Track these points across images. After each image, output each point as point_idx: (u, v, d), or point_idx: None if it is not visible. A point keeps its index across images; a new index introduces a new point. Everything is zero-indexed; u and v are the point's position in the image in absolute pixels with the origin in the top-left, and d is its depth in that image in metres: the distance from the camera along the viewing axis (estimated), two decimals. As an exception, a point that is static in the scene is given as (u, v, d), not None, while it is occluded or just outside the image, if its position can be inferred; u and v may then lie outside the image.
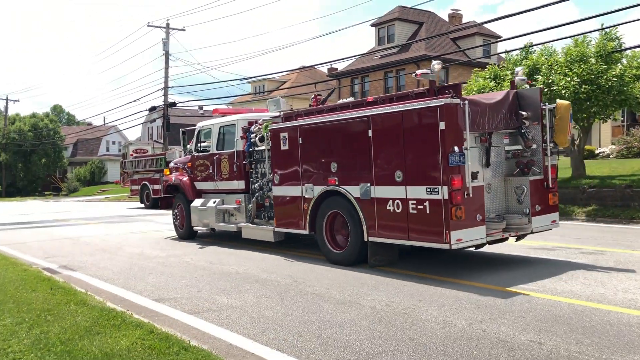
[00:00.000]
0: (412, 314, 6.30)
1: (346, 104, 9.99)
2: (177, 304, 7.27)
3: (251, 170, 11.95)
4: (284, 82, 50.75)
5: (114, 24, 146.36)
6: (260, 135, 11.40)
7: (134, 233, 16.18)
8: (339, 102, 10.46)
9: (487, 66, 19.42)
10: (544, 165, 8.87)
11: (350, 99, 10.42)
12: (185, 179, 13.90)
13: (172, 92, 37.94)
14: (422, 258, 9.71)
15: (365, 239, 8.87)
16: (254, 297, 7.45)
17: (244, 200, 12.10)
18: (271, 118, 11.32)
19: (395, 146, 8.30)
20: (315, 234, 10.02)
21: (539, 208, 8.78)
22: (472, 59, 32.40)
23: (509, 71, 17.91)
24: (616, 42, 16.75)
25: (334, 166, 9.44)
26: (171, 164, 15.73)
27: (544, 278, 7.79)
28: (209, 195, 13.23)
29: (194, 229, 13.73)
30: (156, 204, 27.79)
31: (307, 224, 10.00)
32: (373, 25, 37.46)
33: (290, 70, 42.51)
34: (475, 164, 8.13)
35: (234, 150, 12.22)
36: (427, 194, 7.82)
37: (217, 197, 12.91)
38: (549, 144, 8.89)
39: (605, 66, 16.16)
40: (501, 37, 38.08)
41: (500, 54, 30.36)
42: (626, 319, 5.83)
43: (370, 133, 8.67)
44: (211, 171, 12.94)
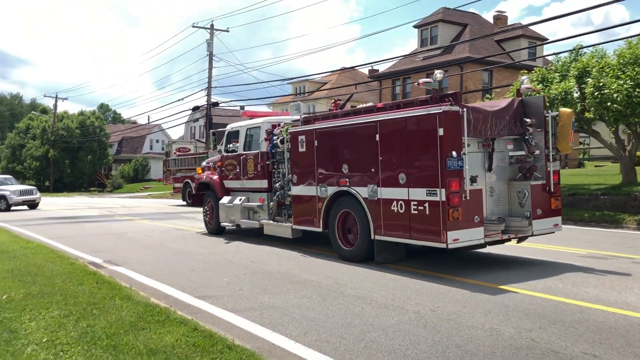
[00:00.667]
0: (458, 320, 6.14)
1: (359, 109, 10.37)
2: (219, 301, 7.29)
3: (273, 170, 12.54)
4: (325, 83, 50.77)
5: (161, 24, 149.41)
6: (282, 138, 11.95)
7: (176, 230, 16.41)
8: (360, 107, 10.77)
9: (534, 69, 18.95)
10: (546, 171, 9.17)
11: (369, 104, 10.69)
12: (215, 177, 14.61)
13: (215, 92, 38.43)
14: (442, 258, 9.53)
15: (372, 237, 9.33)
16: (296, 297, 7.41)
17: (266, 199, 12.71)
18: (292, 121, 11.92)
19: (400, 150, 8.78)
20: (328, 231, 10.51)
21: (540, 212, 9.06)
22: (516, 62, 31.78)
23: (557, 74, 17.43)
24: (672, 45, 16.07)
25: (345, 168, 9.94)
26: (203, 163, 16.41)
27: (597, 287, 7.51)
28: (235, 193, 13.90)
29: (222, 224, 14.20)
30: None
31: (321, 222, 10.56)
32: (416, 26, 37.12)
33: (331, 72, 42.51)
34: (475, 168, 8.56)
35: (259, 151, 12.87)
36: (427, 195, 8.27)
37: (243, 195, 13.56)
38: (551, 150, 9.20)
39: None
40: (547, 39, 37.26)
41: (546, 57, 29.72)
42: (686, 333, 5.54)
43: (377, 137, 9.17)
44: (238, 170, 13.61)
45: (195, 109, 39.78)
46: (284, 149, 11.93)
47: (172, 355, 4.95)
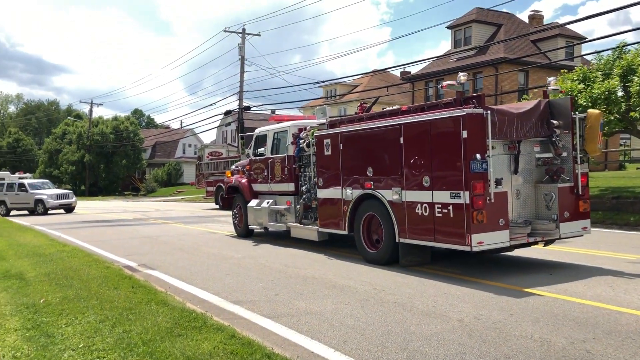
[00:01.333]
0: (504, 328, 5.86)
1: (383, 112, 10.56)
2: (255, 307, 7.15)
3: (300, 174, 12.63)
4: (356, 86, 50.52)
5: (193, 30, 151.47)
6: (308, 141, 12.03)
7: (210, 233, 16.40)
8: (385, 110, 10.82)
9: (574, 68, 18.39)
10: (574, 173, 9.03)
11: (394, 107, 10.66)
12: (243, 180, 14.78)
13: (246, 97, 38.61)
14: (470, 261, 9.20)
15: (397, 240, 9.31)
16: (333, 303, 7.21)
17: (293, 202, 12.79)
18: (318, 125, 11.95)
19: (424, 153, 8.76)
20: (354, 234, 10.51)
21: (567, 214, 8.92)
22: (553, 62, 31.03)
23: (600, 72, 16.86)
24: None
25: (370, 171, 9.95)
26: (232, 167, 16.69)
27: (649, 295, 7.12)
28: (263, 196, 14.01)
29: (251, 227, 14.39)
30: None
31: (347, 224, 10.59)
32: (449, 27, 36.59)
33: (363, 74, 42.23)
34: (501, 170, 8.50)
35: (286, 154, 12.99)
36: (451, 198, 8.22)
37: (270, 198, 13.68)
38: (579, 152, 9.05)
39: None
40: (585, 38, 36.32)
41: (584, 56, 28.90)
42: None
43: (401, 140, 9.15)
44: (266, 174, 13.76)
45: (227, 113, 40.00)
46: (310, 152, 11.99)
47: (210, 363, 4.80)
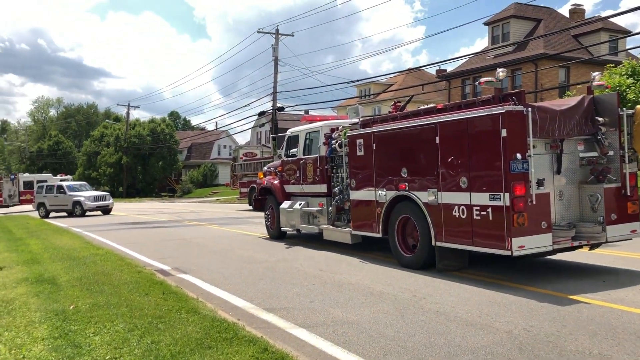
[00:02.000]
0: (558, 342, 5.40)
1: (418, 111, 9.97)
2: (289, 314, 6.84)
3: (332, 175, 12.36)
4: (390, 85, 49.91)
5: (228, 31, 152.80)
6: (340, 141, 11.71)
7: (243, 235, 16.20)
8: (419, 108, 10.43)
9: (620, 62, 17.57)
10: (621, 173, 8.55)
11: (429, 106, 10.21)
12: (276, 182, 14.57)
13: (280, 97, 38.50)
14: (512, 266, 8.67)
15: (433, 243, 8.94)
16: (371, 312, 6.84)
17: (326, 203, 12.52)
18: (351, 125, 11.64)
19: (461, 153, 8.37)
20: (388, 237, 10.14)
21: (614, 217, 8.43)
22: (595, 57, 29.95)
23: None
24: None
25: (405, 172, 9.59)
26: (265, 168, 16.55)
27: None
28: (296, 198, 13.75)
29: (283, 229, 14.09)
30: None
31: (380, 227, 10.23)
32: (486, 23, 35.74)
33: (398, 72, 41.68)
34: (542, 171, 8.07)
35: (318, 155, 12.71)
36: (490, 200, 7.85)
37: (302, 199, 13.41)
38: (626, 151, 8.56)
39: None
40: (630, 31, 35.00)
41: (630, 50, 27.78)
42: None
43: (437, 140, 8.77)
44: (298, 175, 13.51)
45: (261, 114, 39.99)
46: (343, 152, 11.69)
47: (241, 379, 4.50)
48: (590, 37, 34.01)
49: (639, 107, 8.90)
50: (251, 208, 30.00)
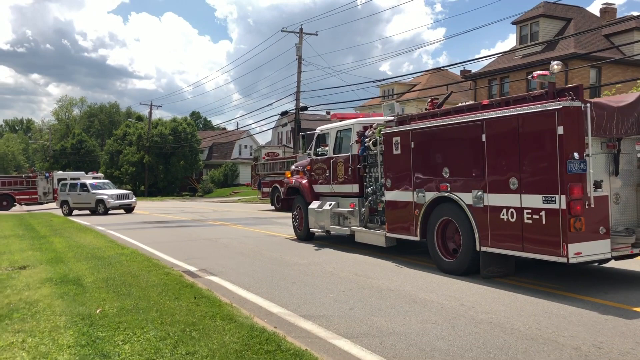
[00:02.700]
0: (635, 362, 4.85)
1: (460, 107, 9.32)
2: (329, 323, 6.37)
3: (365, 175, 11.87)
4: (414, 85, 49.22)
5: (250, 32, 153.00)
6: (374, 140, 11.28)
7: (270, 236, 15.77)
8: (462, 104, 9.74)
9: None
10: None
11: (469, 102, 9.73)
12: (304, 181, 14.10)
13: (302, 97, 38.07)
14: (569, 273, 8.07)
15: (478, 248, 8.41)
16: (418, 321, 6.34)
17: (357, 204, 12.01)
18: (385, 122, 11.12)
19: (510, 152, 7.87)
20: (426, 240, 9.66)
21: None
22: (628, 57, 29.01)
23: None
24: None
25: (446, 172, 9.09)
26: (292, 167, 16.15)
27: None
28: (325, 198, 13.30)
29: (311, 230, 13.64)
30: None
31: (419, 230, 9.73)
32: (514, 23, 34.88)
33: (422, 72, 41.03)
34: (599, 172, 7.57)
35: (349, 154, 12.21)
36: (543, 203, 7.36)
37: (332, 200, 12.94)
38: None
39: None
40: (665, 31, 33.84)
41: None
42: None
43: (483, 138, 8.27)
44: (328, 174, 13.03)
45: (284, 113, 39.67)
46: (377, 151, 11.23)
47: (288, 398, 4.03)
48: (622, 36, 32.98)
49: None
50: (273, 208, 29.72)
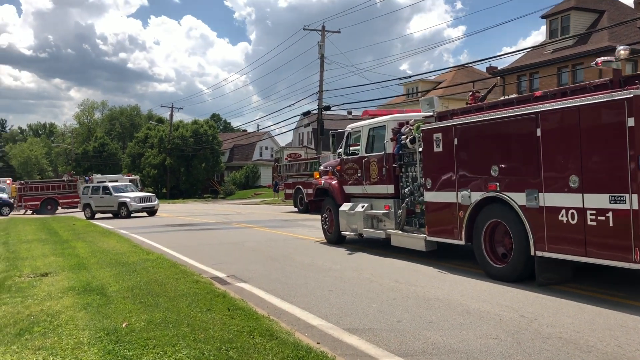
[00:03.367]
0: None
1: (510, 100, 8.77)
2: (377, 337, 5.73)
3: (401, 174, 11.21)
4: (439, 83, 48.31)
5: (268, 33, 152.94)
6: (412, 137, 10.63)
7: (298, 239, 15.16)
8: (500, 98, 9.28)
9: None
10: None
11: (512, 96, 9.09)
12: (334, 182, 13.54)
13: (324, 97, 37.44)
14: (628, 279, 7.31)
15: (532, 253, 7.72)
16: (477, 336, 5.67)
17: (393, 206, 11.33)
18: (423, 118, 10.49)
19: (570, 147, 7.17)
20: (472, 244, 8.98)
21: None
22: (664, 49, 27.87)
23: None
24: None
25: (495, 170, 8.38)
26: (321, 167, 15.63)
27: None
28: (357, 200, 12.71)
29: (342, 233, 13.00)
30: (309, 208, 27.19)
31: (463, 233, 9.03)
32: (544, 16, 33.89)
33: (448, 69, 40.15)
34: None
35: (384, 152, 11.54)
36: (610, 203, 6.69)
37: (365, 201, 12.32)
38: None
39: None
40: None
41: None
42: None
43: (539, 132, 7.57)
44: (360, 175, 12.39)
45: (306, 113, 39.08)
46: (415, 149, 10.55)
47: None
48: (658, 28, 31.81)
49: None
50: (296, 210, 29.15)
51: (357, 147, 12.74)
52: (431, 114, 10.15)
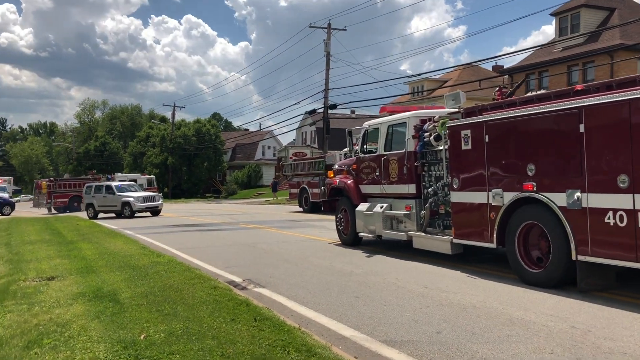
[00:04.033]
0: None
1: (547, 94, 8.27)
2: (419, 351, 5.25)
3: (423, 173, 10.67)
4: (445, 82, 47.80)
5: (269, 32, 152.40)
6: (436, 134, 10.13)
7: (311, 240, 14.66)
8: (535, 93, 8.68)
9: None
10: None
11: (546, 91, 8.66)
12: (349, 181, 13.03)
13: (329, 95, 36.94)
14: None
15: (574, 257, 7.23)
16: (529, 350, 5.18)
17: (414, 207, 10.81)
18: (448, 115, 10.00)
19: (619, 144, 6.67)
20: (503, 247, 8.48)
21: None
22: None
23: None
24: None
25: (531, 169, 7.89)
26: (335, 166, 15.09)
27: None
28: (375, 200, 12.19)
29: (359, 235, 12.53)
30: (315, 207, 26.69)
31: (495, 235, 8.51)
32: (553, 14, 33.39)
33: (454, 67, 39.65)
34: None
35: (404, 151, 11.02)
36: None
37: (383, 202, 11.80)
38: None
39: None
40: None
41: None
42: None
43: (582, 128, 7.09)
44: (378, 174, 11.91)
45: (312, 112, 38.58)
46: (440, 147, 10.04)
47: None
48: (670, 26, 31.31)
49: None
50: (301, 210, 28.63)
51: (375, 145, 12.25)
52: (457, 110, 9.67)
